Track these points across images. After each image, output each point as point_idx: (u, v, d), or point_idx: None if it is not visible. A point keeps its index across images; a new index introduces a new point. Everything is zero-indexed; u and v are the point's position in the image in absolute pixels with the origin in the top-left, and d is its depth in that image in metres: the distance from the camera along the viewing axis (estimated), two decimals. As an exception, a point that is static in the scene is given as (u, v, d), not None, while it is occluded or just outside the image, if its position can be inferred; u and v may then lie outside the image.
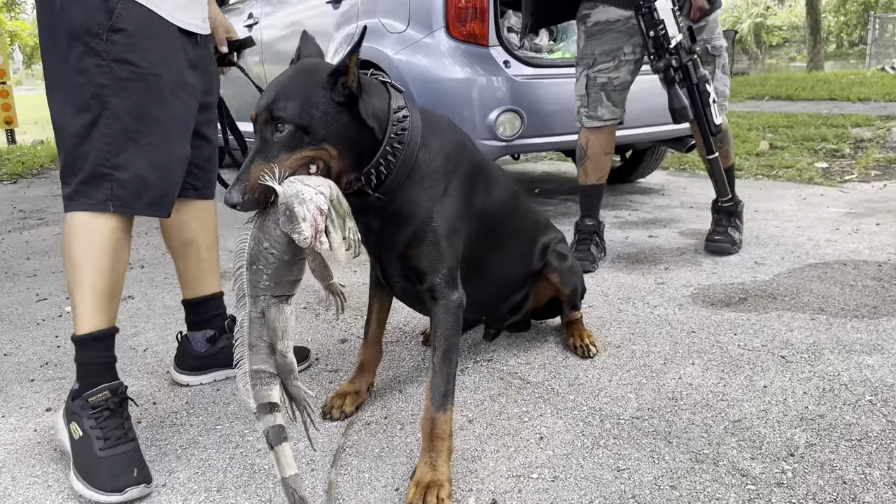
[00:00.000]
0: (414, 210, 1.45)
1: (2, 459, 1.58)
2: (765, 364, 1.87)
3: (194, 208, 1.84)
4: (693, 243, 3.15)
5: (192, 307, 1.92)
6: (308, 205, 1.20)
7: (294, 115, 1.27)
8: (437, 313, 1.48)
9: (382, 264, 1.59)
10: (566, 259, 1.96)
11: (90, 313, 1.53)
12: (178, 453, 1.57)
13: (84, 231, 1.51)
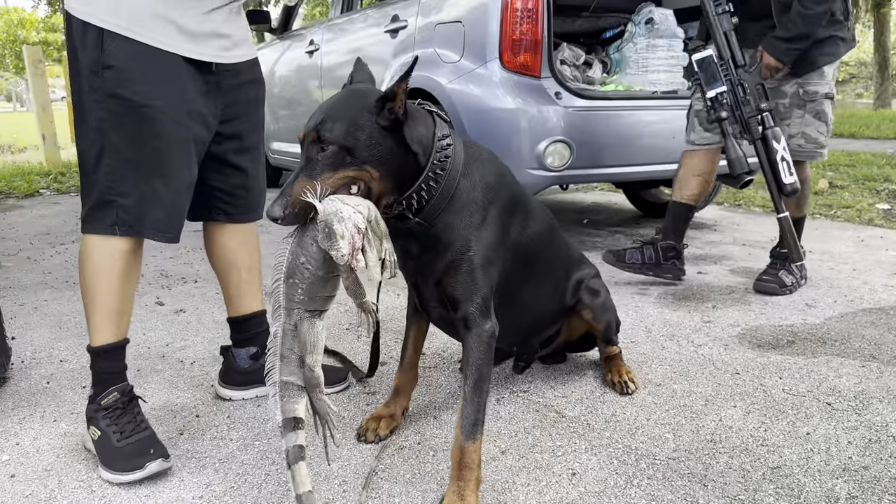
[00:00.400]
0: (452, 237, 1.47)
1: (50, 462, 1.65)
2: (809, 410, 1.82)
3: (234, 231, 1.91)
4: (743, 282, 3.08)
5: (236, 324, 1.99)
6: (346, 223, 1.24)
7: (339, 137, 1.33)
8: (470, 342, 1.50)
9: (419, 290, 1.61)
10: (599, 295, 1.95)
11: (101, 328, 1.66)
12: (217, 466, 1.61)
13: (95, 253, 1.63)
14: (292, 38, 5.49)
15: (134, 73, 1.55)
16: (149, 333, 2.51)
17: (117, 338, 1.69)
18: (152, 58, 1.56)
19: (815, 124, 2.80)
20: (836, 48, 2.73)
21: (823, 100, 2.78)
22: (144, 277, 3.24)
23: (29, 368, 2.21)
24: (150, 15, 1.55)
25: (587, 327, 1.96)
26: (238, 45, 1.75)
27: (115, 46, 1.53)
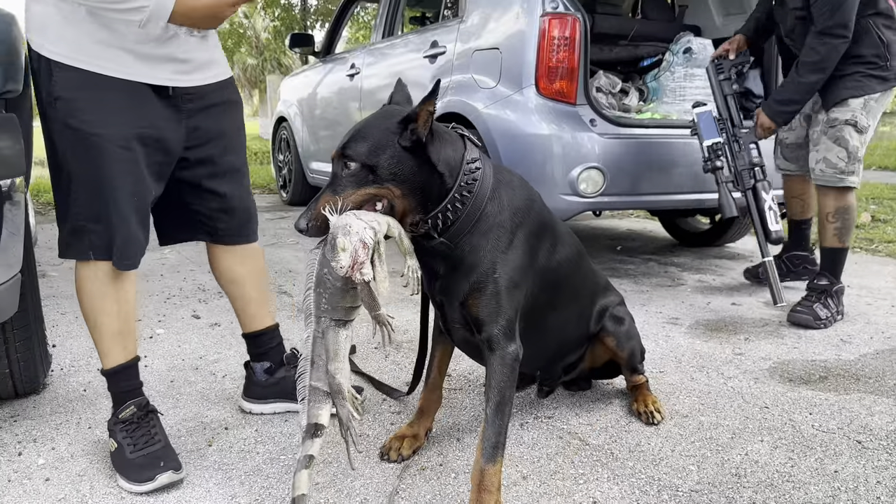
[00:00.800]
0: (477, 259, 1.49)
1: (83, 468, 1.70)
2: (838, 448, 1.79)
3: (234, 253, 1.92)
4: (777, 315, 3.04)
5: (249, 340, 2.03)
6: (351, 237, 1.30)
7: (362, 155, 1.39)
8: (493, 364, 1.51)
9: (444, 311, 1.63)
10: (623, 323, 1.94)
11: (109, 351, 1.72)
12: (242, 479, 1.64)
13: (85, 279, 1.68)
14: (334, 61, 5.60)
15: (81, 102, 1.55)
16: (183, 346, 2.57)
17: (126, 358, 1.74)
18: (99, 85, 1.56)
19: (836, 150, 2.84)
20: (862, 84, 2.79)
21: (844, 126, 2.82)
22: (182, 291, 3.32)
23: (67, 376, 2.28)
24: (94, 42, 1.54)
25: (611, 354, 1.96)
26: (200, 69, 1.72)
27: (62, 76, 1.54)
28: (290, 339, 2.65)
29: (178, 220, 1.85)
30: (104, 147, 1.57)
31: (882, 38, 2.75)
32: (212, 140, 1.78)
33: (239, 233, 1.90)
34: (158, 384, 2.21)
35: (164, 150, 1.68)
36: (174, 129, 1.69)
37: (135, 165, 1.62)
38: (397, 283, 3.41)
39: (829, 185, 2.88)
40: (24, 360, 1.96)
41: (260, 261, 2.00)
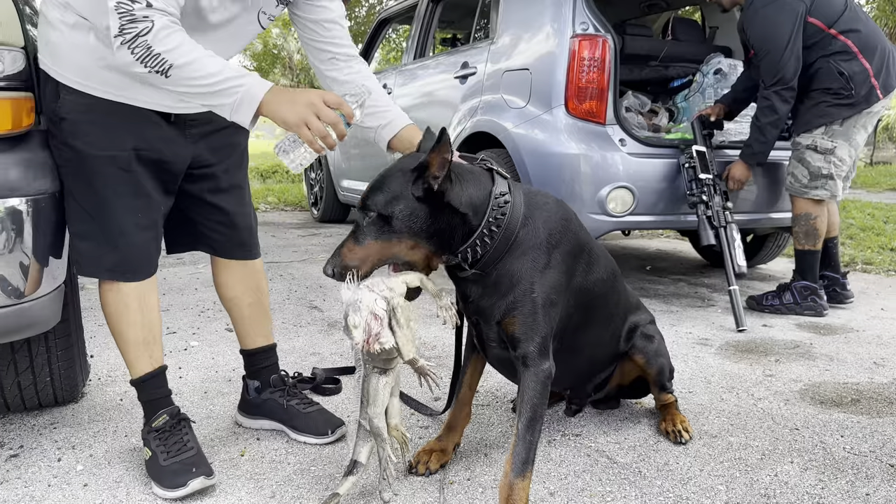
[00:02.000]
0: (513, 281, 1.52)
1: (120, 475, 1.74)
2: (870, 471, 1.76)
3: (233, 269, 1.96)
4: (809, 337, 3.01)
5: (245, 356, 2.06)
6: (362, 312, 1.37)
7: (379, 205, 1.46)
8: (527, 380, 1.53)
9: (479, 329, 1.66)
10: (652, 341, 1.95)
11: (136, 361, 1.76)
12: (274, 489, 1.67)
13: (107, 291, 1.73)
14: (366, 80, 5.69)
15: (84, 125, 1.59)
16: (217, 358, 2.63)
17: (153, 366, 1.78)
18: (104, 109, 1.60)
19: (800, 168, 3.33)
20: (827, 112, 3.23)
21: (805, 150, 3.30)
22: (215, 304, 3.39)
23: (104, 385, 2.34)
24: (102, 67, 1.57)
25: (639, 372, 1.96)
26: None
27: (68, 99, 1.59)
28: (319, 353, 2.70)
29: (179, 230, 1.89)
30: (102, 169, 1.61)
31: (843, 72, 3.16)
32: (216, 159, 1.83)
33: (239, 247, 1.94)
34: (192, 395, 2.26)
35: (168, 170, 1.73)
36: (179, 151, 1.73)
37: (137, 185, 1.66)
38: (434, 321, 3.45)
39: (794, 194, 3.38)
40: (65, 368, 2.03)
41: (259, 280, 2.02)
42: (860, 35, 3.18)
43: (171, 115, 1.70)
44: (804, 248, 3.39)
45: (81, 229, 1.67)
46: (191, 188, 1.82)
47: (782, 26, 3.14)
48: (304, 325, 3.07)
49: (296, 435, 1.93)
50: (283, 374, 2.05)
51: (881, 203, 8.01)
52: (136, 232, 1.69)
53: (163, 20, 1.40)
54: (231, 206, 1.89)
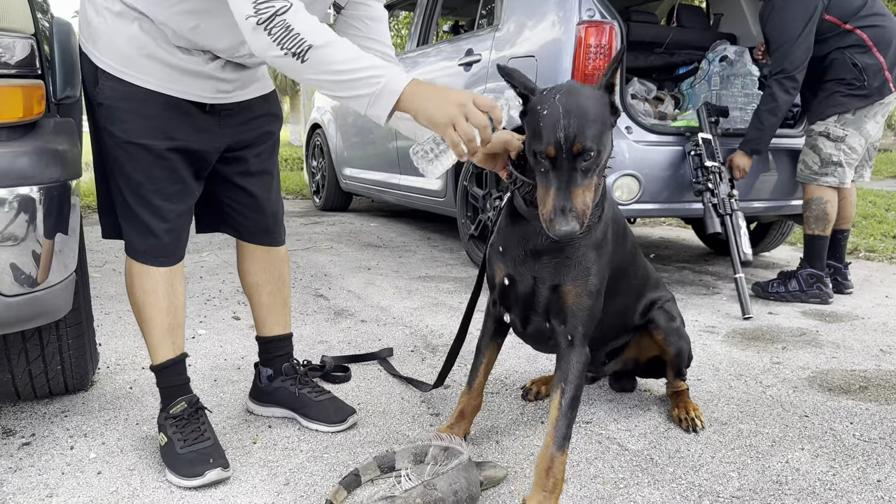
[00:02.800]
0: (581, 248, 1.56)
1: (133, 463, 1.75)
2: (881, 457, 1.77)
3: (256, 255, 1.96)
4: (815, 325, 3.02)
5: (260, 343, 2.05)
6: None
7: (597, 140, 1.34)
8: (571, 359, 1.58)
9: (526, 298, 1.64)
10: (673, 320, 1.96)
11: (158, 346, 1.77)
12: (287, 476, 1.68)
13: (136, 274, 1.73)
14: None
15: (121, 112, 1.60)
16: (225, 346, 2.63)
17: (175, 353, 1.79)
18: (141, 98, 1.60)
19: (811, 155, 3.37)
20: (840, 102, 3.26)
21: (818, 136, 3.33)
22: (221, 293, 3.39)
23: (114, 374, 2.34)
24: (143, 56, 1.58)
25: (657, 350, 1.97)
26: (242, 88, 1.75)
27: (107, 85, 1.60)
28: (327, 341, 2.70)
29: (205, 209, 1.89)
30: (138, 155, 1.63)
31: (857, 64, 3.21)
32: (248, 146, 1.83)
33: (265, 233, 1.94)
34: (202, 383, 2.26)
35: (201, 158, 1.74)
36: (213, 140, 1.74)
37: (172, 172, 1.67)
38: (441, 309, 3.40)
39: (804, 181, 3.41)
40: (76, 357, 2.02)
41: (282, 269, 2.02)
42: (877, 29, 3.22)
43: (206, 105, 1.69)
44: (814, 232, 3.38)
45: (120, 212, 1.70)
46: (221, 169, 1.83)
47: (797, 20, 3.19)
48: (310, 314, 3.07)
49: (307, 423, 1.93)
50: (295, 363, 2.05)
51: (882, 191, 8.01)
52: (171, 218, 1.70)
53: (299, 0, 1.38)
54: (259, 190, 1.89)
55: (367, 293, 3.44)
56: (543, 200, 1.37)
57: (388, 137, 5.08)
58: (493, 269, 1.70)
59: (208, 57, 1.65)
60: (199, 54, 1.63)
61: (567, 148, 1.32)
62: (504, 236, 1.65)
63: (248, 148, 1.83)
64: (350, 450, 1.81)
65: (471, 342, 1.99)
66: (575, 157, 1.33)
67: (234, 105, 1.76)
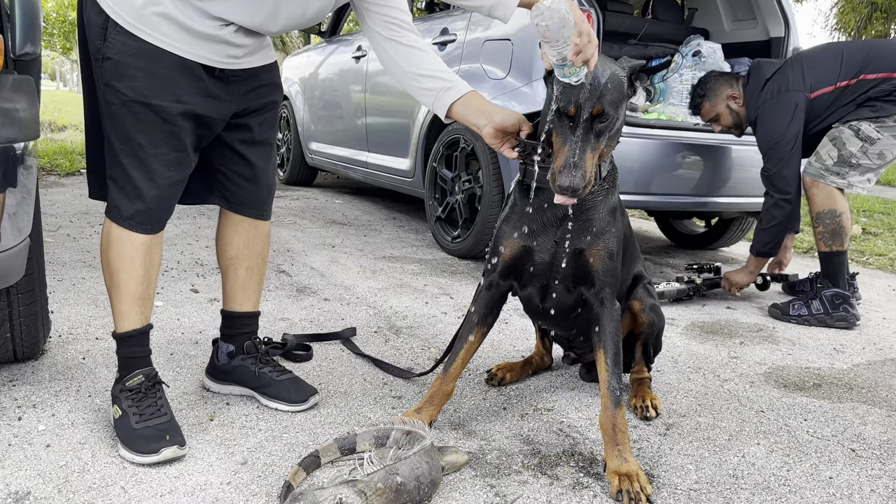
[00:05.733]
0: (598, 213, 1.67)
1: (84, 436, 1.69)
2: (833, 455, 1.81)
3: (241, 228, 1.91)
4: (771, 321, 3.08)
5: (225, 318, 2.00)
6: None
7: (615, 106, 1.47)
8: (605, 319, 1.68)
9: (545, 269, 1.70)
10: (654, 298, 2.03)
11: (126, 314, 1.71)
12: (245, 455, 1.65)
13: (115, 238, 1.67)
14: (339, 42, 5.57)
15: (130, 69, 1.55)
16: (183, 319, 2.57)
17: (142, 323, 1.74)
18: (152, 56, 1.56)
19: (828, 148, 3.04)
20: (879, 108, 2.95)
21: (844, 128, 3.00)
22: (180, 264, 3.31)
23: (66, 343, 2.27)
24: (156, 14, 1.54)
25: (631, 324, 2.01)
26: (251, 54, 1.73)
27: (117, 39, 1.55)
28: (289, 318, 2.66)
29: (196, 178, 1.82)
30: (143, 116, 1.58)
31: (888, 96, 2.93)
32: (253, 113, 1.80)
33: (255, 205, 1.90)
34: (158, 356, 2.20)
35: (207, 125, 1.70)
36: (220, 107, 1.70)
37: (176, 139, 1.63)
38: (406, 291, 3.36)
39: (810, 176, 3.08)
40: (27, 324, 1.95)
41: (265, 245, 1.98)
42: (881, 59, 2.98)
43: (215, 69, 1.65)
44: (831, 249, 3.06)
45: (110, 173, 1.65)
46: (224, 136, 1.78)
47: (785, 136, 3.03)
48: (272, 290, 3.02)
49: (267, 401, 1.90)
50: (257, 341, 2.00)
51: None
52: (164, 185, 1.65)
53: None
54: (258, 160, 1.85)
55: (330, 271, 3.39)
56: (556, 155, 1.49)
57: (357, 113, 5.01)
58: (504, 245, 1.73)
59: (223, 22, 1.60)
60: (215, 18, 1.59)
61: (587, 109, 1.44)
62: (520, 210, 1.71)
63: (252, 115, 1.80)
64: (310, 430, 1.79)
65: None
66: (593, 118, 1.45)
67: (242, 72, 1.72)
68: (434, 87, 1.74)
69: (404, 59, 1.76)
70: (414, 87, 1.77)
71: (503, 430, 1.85)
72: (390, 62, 1.79)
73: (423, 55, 1.76)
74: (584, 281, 1.68)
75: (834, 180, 3.04)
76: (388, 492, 1.40)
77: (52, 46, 43.82)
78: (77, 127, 11.74)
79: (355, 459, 1.61)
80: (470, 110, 1.72)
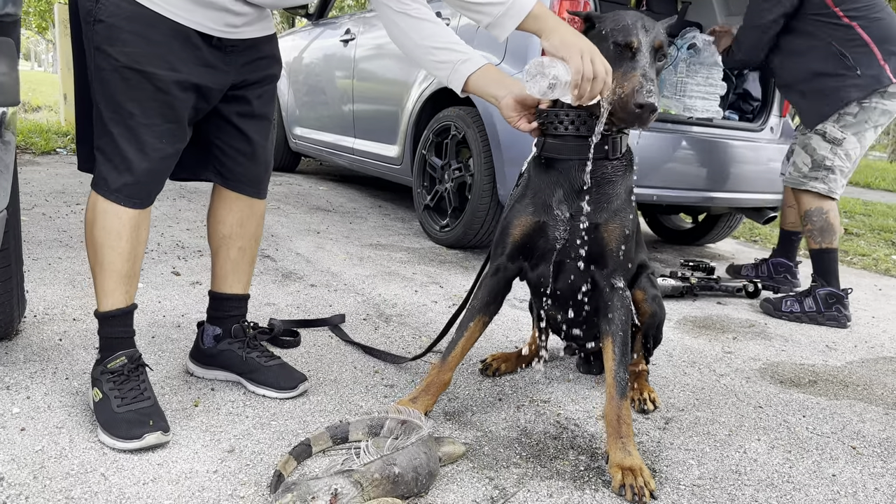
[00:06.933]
0: (619, 189, 1.63)
1: (61, 420, 1.61)
2: (834, 452, 1.78)
3: (236, 206, 1.83)
4: (762, 317, 3.06)
5: (213, 300, 1.93)
6: None
7: (667, 48, 1.53)
8: (616, 304, 1.62)
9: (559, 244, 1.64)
10: (656, 288, 1.99)
11: (111, 292, 1.63)
12: (232, 443, 1.57)
13: (102, 213, 1.58)
14: (326, 25, 5.46)
15: (124, 34, 1.47)
16: (164, 302, 2.47)
17: (126, 303, 1.66)
18: (147, 21, 1.48)
19: (803, 156, 3.10)
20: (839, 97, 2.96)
21: (813, 135, 3.06)
22: (160, 246, 3.21)
23: (42, 324, 2.17)
24: None
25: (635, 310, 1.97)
26: (251, 24, 1.66)
27: (110, 1, 1.47)
28: (275, 303, 2.58)
29: (190, 152, 1.74)
30: (136, 84, 1.50)
31: (846, 54, 2.93)
32: (251, 85, 1.72)
33: (252, 182, 1.82)
34: (139, 339, 2.08)
35: (203, 96, 1.61)
36: (218, 77, 1.62)
37: (170, 109, 1.55)
38: (394, 279, 3.30)
39: (792, 186, 3.15)
40: (2, 302, 1.85)
41: (258, 227, 1.90)
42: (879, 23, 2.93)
43: (213, 38, 1.57)
44: (820, 246, 3.07)
45: (98, 143, 1.55)
46: (221, 108, 1.70)
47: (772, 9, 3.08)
48: (256, 274, 2.93)
49: (254, 387, 1.82)
50: (245, 324, 1.92)
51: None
52: (155, 158, 1.56)
53: None
54: (257, 136, 1.77)
55: (316, 257, 3.31)
56: (625, 78, 1.47)
57: (343, 99, 4.91)
58: (517, 224, 1.68)
59: None
60: None
61: (649, 42, 1.48)
62: (535, 185, 1.67)
63: (251, 87, 1.72)
64: (300, 418, 1.71)
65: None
66: (655, 51, 1.49)
67: (240, 42, 1.64)
68: (450, 59, 1.66)
69: (416, 32, 1.68)
70: (428, 61, 1.69)
71: (499, 422, 1.79)
72: (401, 36, 1.70)
73: (435, 27, 1.69)
74: (597, 261, 1.63)
75: (815, 186, 3.05)
76: (385, 482, 1.33)
77: (28, 25, 42.81)
78: (52, 108, 11.49)
79: (350, 449, 1.55)
80: (489, 82, 1.66)
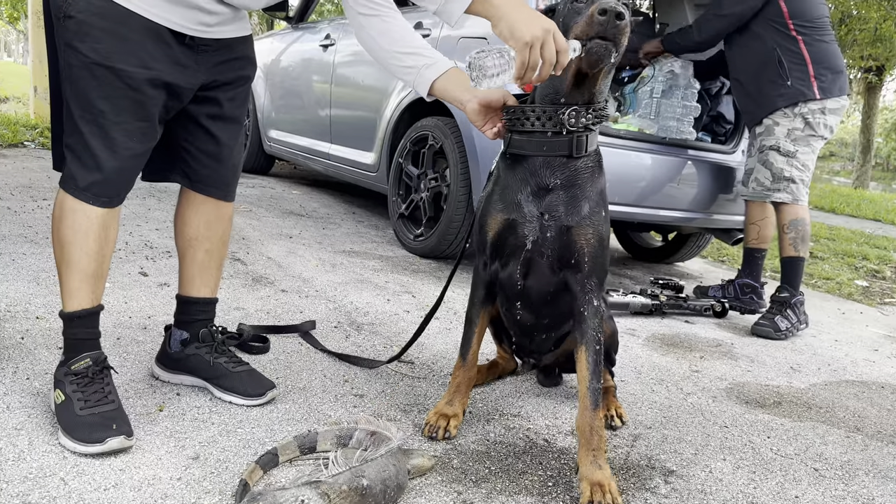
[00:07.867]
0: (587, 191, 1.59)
1: (21, 421, 1.56)
2: (797, 473, 1.81)
3: (203, 209, 1.81)
4: (729, 336, 3.10)
5: (180, 303, 1.90)
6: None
7: None
8: (588, 314, 1.59)
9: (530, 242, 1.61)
10: (605, 301, 1.96)
11: (76, 292, 1.59)
12: (196, 450, 1.54)
13: (70, 210, 1.55)
14: (306, 29, 5.44)
15: (95, 31, 1.44)
16: (131, 303, 2.43)
17: (92, 303, 1.62)
18: (118, 17, 1.45)
19: (762, 171, 3.28)
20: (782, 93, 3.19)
21: (769, 151, 3.25)
22: (128, 245, 3.15)
23: (3, 321, 2.11)
24: None
25: None
26: (225, 23, 1.63)
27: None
28: (244, 308, 2.55)
29: (159, 154, 1.71)
30: (107, 81, 1.47)
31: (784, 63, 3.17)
32: (224, 86, 1.69)
33: (219, 185, 1.79)
34: (103, 340, 2.02)
35: (175, 95, 1.59)
36: (189, 77, 1.59)
37: (141, 107, 1.52)
38: (366, 287, 3.27)
39: (759, 199, 3.32)
40: (-38, 298, 1.80)
41: (226, 228, 1.88)
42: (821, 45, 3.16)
43: (185, 36, 1.54)
44: (799, 254, 3.22)
45: (68, 141, 1.52)
46: (190, 108, 1.66)
47: None
48: (226, 277, 2.89)
49: (221, 393, 1.79)
50: (213, 329, 1.89)
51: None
52: (125, 157, 1.53)
53: None
54: (226, 137, 1.74)
55: (288, 262, 3.28)
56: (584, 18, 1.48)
57: (321, 104, 4.89)
58: (488, 222, 1.66)
59: None
60: None
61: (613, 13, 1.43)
62: (503, 183, 1.65)
63: (222, 89, 1.69)
64: (267, 426, 1.69)
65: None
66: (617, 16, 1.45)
67: (214, 42, 1.62)
68: (415, 64, 1.67)
69: (384, 37, 1.68)
70: (394, 66, 1.70)
71: (468, 435, 1.78)
72: (369, 40, 1.71)
73: (403, 32, 1.69)
74: (570, 264, 1.59)
75: (780, 196, 3.22)
76: (352, 495, 1.32)
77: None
78: (20, 100, 11.26)
79: (318, 459, 1.53)
80: (454, 86, 1.67)
